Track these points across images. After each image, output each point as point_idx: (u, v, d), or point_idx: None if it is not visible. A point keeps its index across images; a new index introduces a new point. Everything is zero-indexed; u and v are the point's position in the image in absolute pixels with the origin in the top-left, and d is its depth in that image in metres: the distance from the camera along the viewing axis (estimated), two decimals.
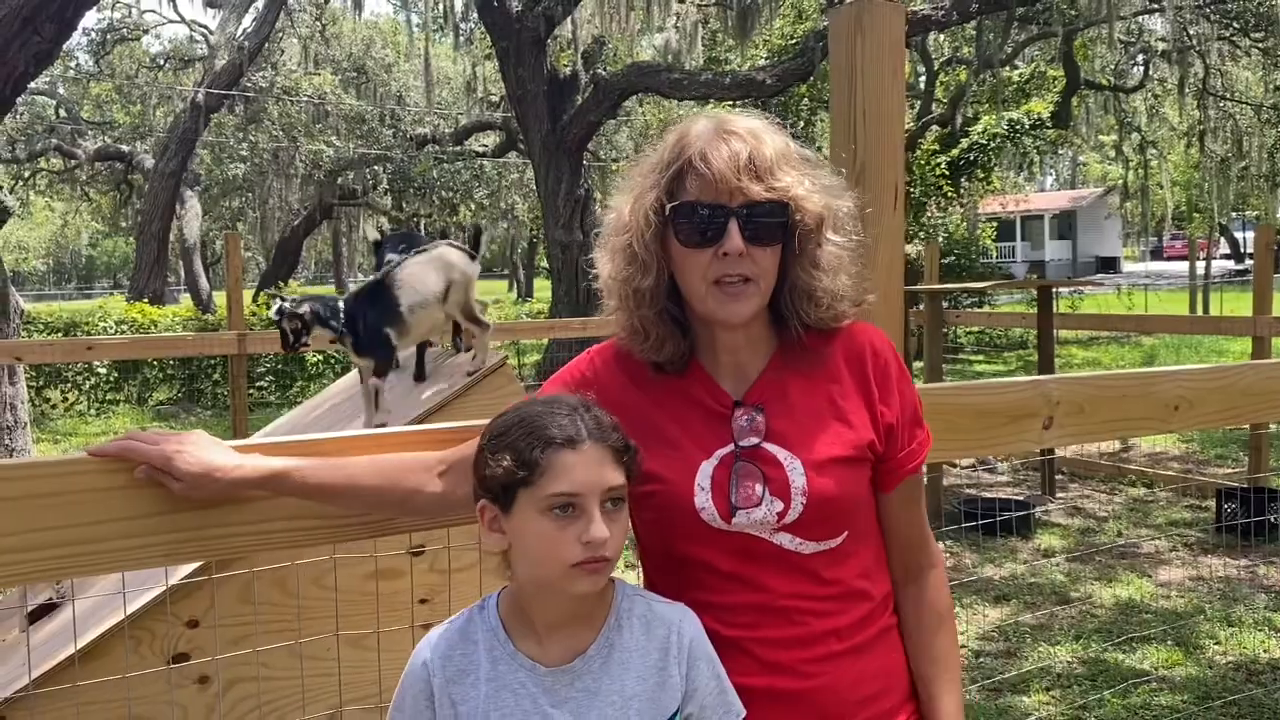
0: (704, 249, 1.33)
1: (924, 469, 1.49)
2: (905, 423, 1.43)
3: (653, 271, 1.37)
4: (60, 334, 12.78)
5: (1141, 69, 22.42)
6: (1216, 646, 4.48)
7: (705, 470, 1.36)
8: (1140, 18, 19.79)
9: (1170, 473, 7.72)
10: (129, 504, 1.30)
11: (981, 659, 4.38)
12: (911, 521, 1.48)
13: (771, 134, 1.37)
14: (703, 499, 1.35)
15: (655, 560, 1.45)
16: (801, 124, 17.97)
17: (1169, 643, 4.50)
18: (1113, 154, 29.68)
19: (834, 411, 1.39)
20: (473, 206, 27.30)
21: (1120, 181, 30.14)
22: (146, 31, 26.17)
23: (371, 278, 3.36)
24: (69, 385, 13.04)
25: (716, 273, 1.33)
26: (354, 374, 4.36)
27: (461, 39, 21.57)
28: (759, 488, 1.34)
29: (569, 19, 15.15)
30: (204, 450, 1.30)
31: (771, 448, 1.36)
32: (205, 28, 25.14)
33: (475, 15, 16.65)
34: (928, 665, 1.47)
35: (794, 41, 16.78)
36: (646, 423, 1.40)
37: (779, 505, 1.34)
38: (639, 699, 1.27)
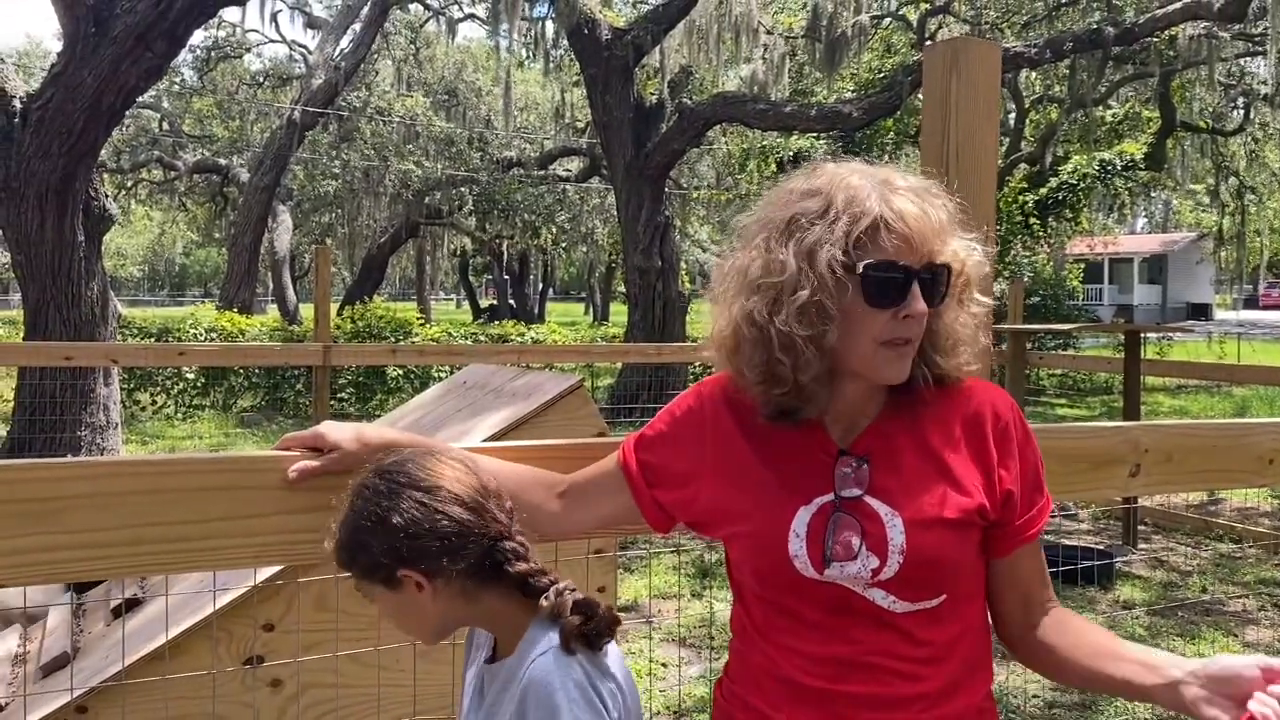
0: (884, 309, 1.29)
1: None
2: (1026, 489, 1.38)
3: (833, 326, 1.29)
4: (153, 339, 13.20)
5: (1242, 112, 21.83)
6: None
7: (802, 517, 1.33)
8: (1241, 60, 19.30)
9: (1261, 529, 7.43)
10: (222, 504, 1.35)
11: (1055, 710, 4.26)
12: (1038, 579, 1.45)
13: (938, 193, 1.36)
14: (796, 546, 1.32)
15: (745, 599, 1.44)
16: (885, 158, 17.85)
17: None
18: (1208, 198, 28.90)
19: (943, 472, 1.35)
20: (553, 230, 27.64)
21: (1215, 227, 29.33)
22: (248, 50, 27.10)
23: None
24: (158, 389, 13.45)
25: (889, 334, 1.29)
26: (439, 386, 4.44)
27: (551, 65, 21.92)
28: (855, 541, 1.31)
29: (657, 48, 15.30)
30: (347, 425, 1.45)
31: (873, 502, 1.33)
32: (304, 48, 25.97)
33: (565, 42, 16.92)
34: (1106, 643, 1.36)
35: (882, 76, 16.73)
36: (745, 463, 1.39)
37: (874, 561, 1.30)
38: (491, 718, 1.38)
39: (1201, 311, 44.01)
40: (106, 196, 8.30)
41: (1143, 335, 9.04)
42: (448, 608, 1.34)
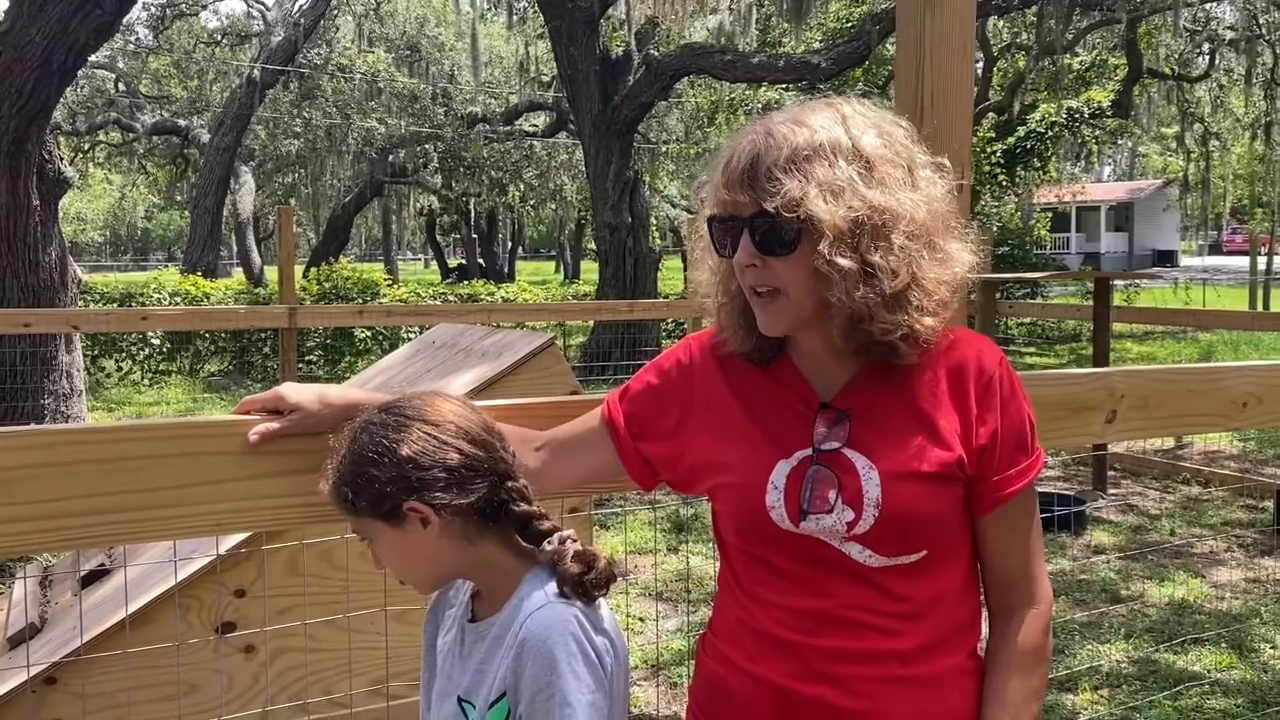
0: (732, 260, 1.29)
1: (1030, 497, 1.37)
2: (1004, 446, 1.32)
3: (719, 273, 1.37)
4: (116, 304, 13.00)
5: (1207, 58, 21.88)
6: (1272, 651, 4.38)
7: (781, 470, 1.31)
8: (1208, 5, 19.31)
9: (1227, 471, 7.55)
10: (181, 471, 1.31)
11: None
12: (1010, 553, 1.37)
13: (804, 129, 1.24)
14: (774, 498, 1.31)
15: (727, 554, 1.43)
16: None
17: (1223, 645, 4.40)
18: (1174, 145, 29.05)
19: (924, 425, 1.30)
20: (521, 187, 27.38)
21: (1180, 173, 29.52)
22: (205, 7, 26.44)
23: None
24: (124, 355, 13.27)
25: (747, 282, 1.29)
26: (408, 347, 4.38)
27: (515, 18, 21.57)
28: (832, 494, 1.29)
29: None
30: (309, 386, 1.40)
31: (851, 454, 1.30)
32: (262, 4, 25.42)
33: None
34: (996, 708, 1.34)
35: (850, 25, 16.60)
36: (729, 416, 1.38)
37: (850, 514, 1.28)
38: (481, 674, 1.36)
39: (1167, 258, 44.40)
40: (61, 159, 8.09)
41: (1110, 282, 9.08)
42: (448, 549, 1.31)
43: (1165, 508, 6.70)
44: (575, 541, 1.36)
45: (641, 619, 4.66)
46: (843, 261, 1.21)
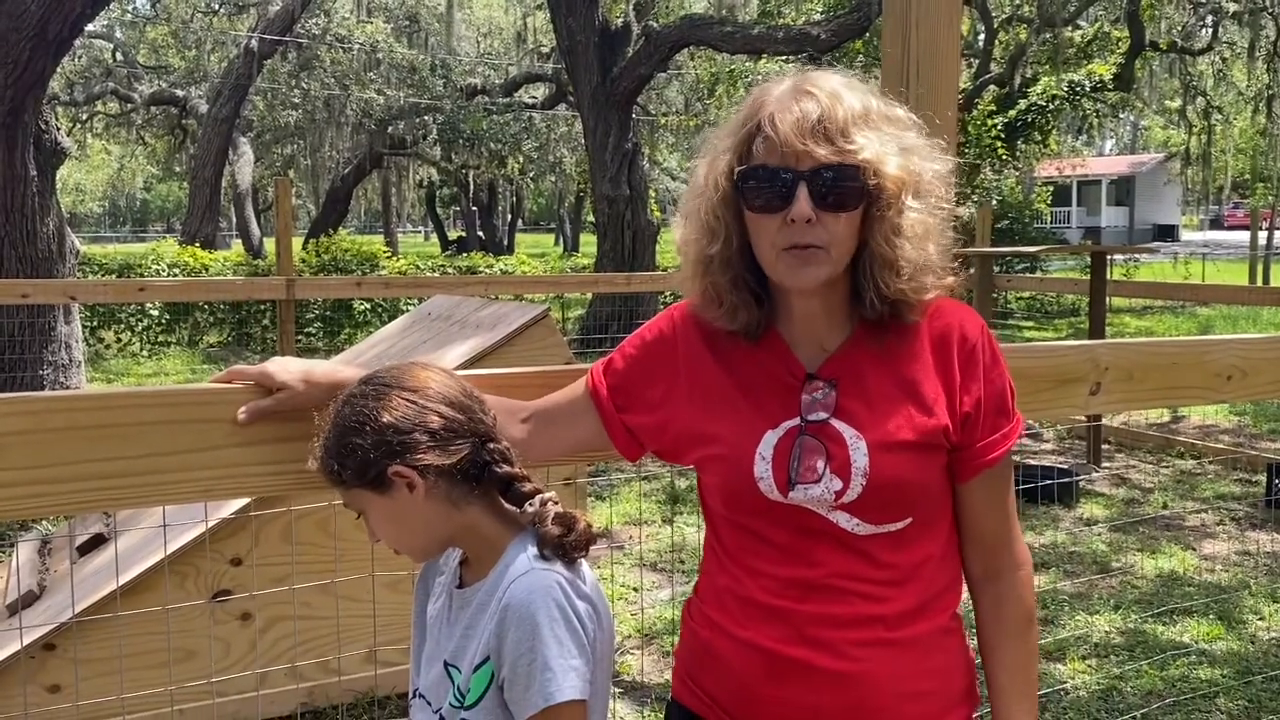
0: (772, 215, 1.27)
1: (1009, 462, 1.41)
2: (987, 412, 1.36)
3: (721, 237, 1.33)
4: (114, 275, 12.98)
5: (1210, 31, 21.72)
6: (1260, 622, 4.42)
7: (769, 440, 1.33)
8: None
9: (1220, 445, 7.57)
10: (167, 438, 1.32)
11: None
12: (992, 517, 1.41)
13: (852, 93, 1.29)
14: (762, 469, 1.32)
15: (714, 523, 1.44)
16: None
17: (1211, 616, 4.44)
18: (1175, 119, 28.89)
19: (910, 394, 1.33)
20: (521, 159, 27.26)
21: (1182, 147, 29.38)
22: None
23: None
24: (122, 326, 13.28)
25: (785, 240, 1.27)
26: (404, 318, 4.39)
27: None
28: (820, 464, 1.31)
29: None
30: (296, 361, 1.41)
31: (839, 425, 1.32)
32: None
33: None
34: (1001, 674, 1.42)
35: None
36: (715, 387, 1.39)
37: (838, 484, 1.30)
38: (467, 639, 1.38)
39: (1168, 233, 44.27)
40: (59, 129, 8.06)
41: (1109, 257, 9.07)
42: (435, 514, 1.33)
43: (1158, 481, 6.73)
44: (556, 504, 1.37)
45: (634, 589, 4.69)
46: (900, 219, 1.27)
